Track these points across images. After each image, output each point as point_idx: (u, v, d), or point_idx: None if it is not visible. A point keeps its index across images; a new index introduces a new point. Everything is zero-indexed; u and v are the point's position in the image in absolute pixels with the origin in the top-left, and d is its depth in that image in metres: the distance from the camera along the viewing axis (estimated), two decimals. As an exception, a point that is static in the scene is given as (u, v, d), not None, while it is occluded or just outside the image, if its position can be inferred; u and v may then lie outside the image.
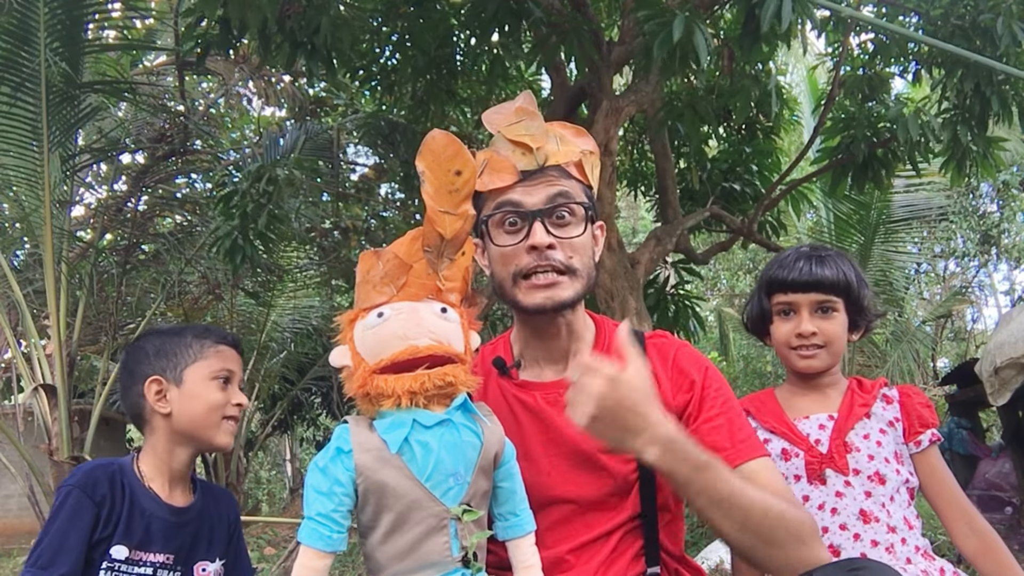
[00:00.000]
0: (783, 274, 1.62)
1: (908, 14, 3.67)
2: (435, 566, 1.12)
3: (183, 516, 1.49)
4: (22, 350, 4.98)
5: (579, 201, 1.32)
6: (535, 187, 1.31)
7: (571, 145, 1.36)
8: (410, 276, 1.18)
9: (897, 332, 8.11)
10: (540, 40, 3.59)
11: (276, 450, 13.98)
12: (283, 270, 6.76)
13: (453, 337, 1.17)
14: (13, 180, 4.69)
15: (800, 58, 7.85)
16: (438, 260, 1.19)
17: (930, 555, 1.53)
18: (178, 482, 1.53)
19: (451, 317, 1.18)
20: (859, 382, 1.66)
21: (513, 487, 1.23)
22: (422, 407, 1.13)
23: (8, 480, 4.97)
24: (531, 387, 1.39)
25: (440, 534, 1.12)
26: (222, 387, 1.52)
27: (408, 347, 1.12)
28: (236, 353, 1.59)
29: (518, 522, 1.23)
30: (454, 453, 1.13)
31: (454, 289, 1.21)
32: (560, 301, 1.30)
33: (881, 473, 1.53)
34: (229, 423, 1.54)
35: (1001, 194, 8.73)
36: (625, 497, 1.33)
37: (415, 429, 1.12)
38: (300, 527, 1.13)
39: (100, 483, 1.42)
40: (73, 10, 3.99)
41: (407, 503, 1.12)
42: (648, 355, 1.39)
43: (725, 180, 4.82)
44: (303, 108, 6.07)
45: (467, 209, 1.18)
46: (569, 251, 1.31)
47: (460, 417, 1.16)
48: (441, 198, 1.16)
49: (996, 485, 6.38)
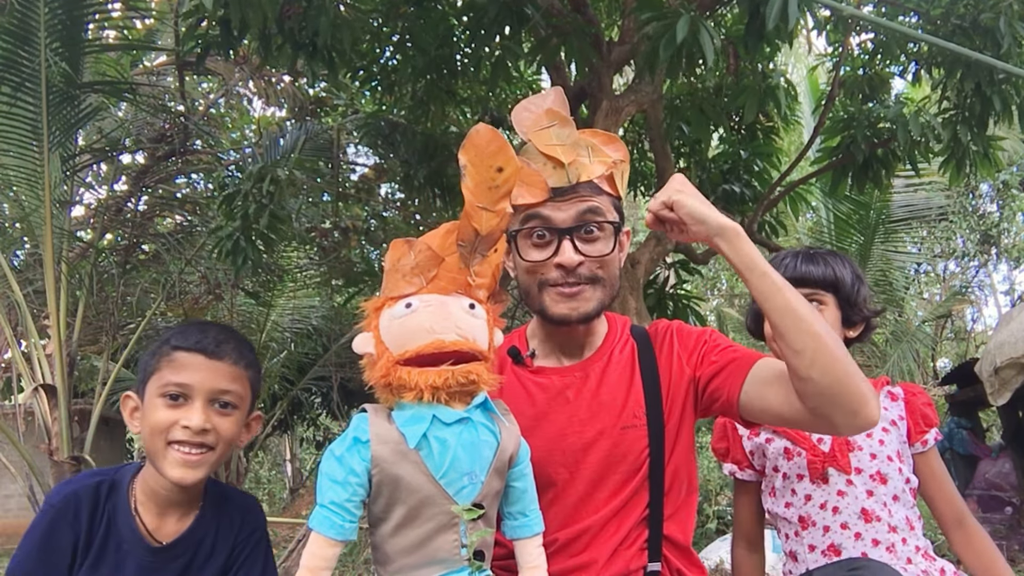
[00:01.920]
0: None
1: (908, 14, 3.67)
2: (443, 563, 1.12)
3: (169, 552, 1.31)
4: (22, 350, 4.98)
5: (609, 220, 1.34)
6: (565, 202, 1.33)
7: (602, 156, 1.36)
8: (441, 269, 1.17)
9: (897, 332, 8.11)
10: (540, 41, 3.59)
11: (276, 450, 13.97)
12: (283, 270, 6.75)
13: (479, 334, 1.16)
14: (13, 180, 4.69)
15: (800, 58, 7.85)
16: (471, 256, 1.18)
17: (930, 555, 1.53)
18: (173, 509, 1.33)
19: (479, 314, 1.17)
20: None
21: (525, 487, 1.24)
22: (443, 403, 1.12)
23: (8, 480, 4.97)
24: (547, 372, 1.45)
25: (450, 532, 1.12)
26: (169, 405, 1.27)
27: (435, 340, 1.11)
28: (204, 359, 1.29)
29: (527, 522, 1.24)
30: (471, 452, 1.13)
31: (483, 286, 1.21)
32: (584, 313, 1.36)
33: (883, 472, 1.54)
34: (176, 450, 1.26)
35: (1001, 194, 8.72)
36: (635, 474, 1.36)
37: (434, 425, 1.11)
38: (311, 514, 1.12)
39: (80, 510, 1.28)
40: (73, 10, 3.99)
41: (420, 498, 1.11)
42: (652, 340, 1.46)
43: (725, 180, 4.82)
44: (303, 108, 6.07)
45: (505, 207, 1.17)
46: (596, 265, 1.35)
47: (479, 416, 1.15)
48: (481, 194, 1.15)
49: (996, 485, 6.37)
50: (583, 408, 1.40)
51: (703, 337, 1.43)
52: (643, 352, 1.44)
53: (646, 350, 1.44)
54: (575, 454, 1.38)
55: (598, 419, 1.38)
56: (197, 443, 1.28)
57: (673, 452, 1.39)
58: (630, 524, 1.35)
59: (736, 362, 1.34)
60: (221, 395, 1.30)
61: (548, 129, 1.32)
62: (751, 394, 1.30)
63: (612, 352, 1.45)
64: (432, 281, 1.17)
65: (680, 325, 1.48)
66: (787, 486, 1.60)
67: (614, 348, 1.45)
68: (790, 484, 1.59)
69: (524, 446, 1.24)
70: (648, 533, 1.36)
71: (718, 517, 5.86)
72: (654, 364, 1.42)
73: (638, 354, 1.44)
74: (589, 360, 1.44)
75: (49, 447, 4.31)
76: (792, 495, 1.59)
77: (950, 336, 11.49)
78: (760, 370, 1.31)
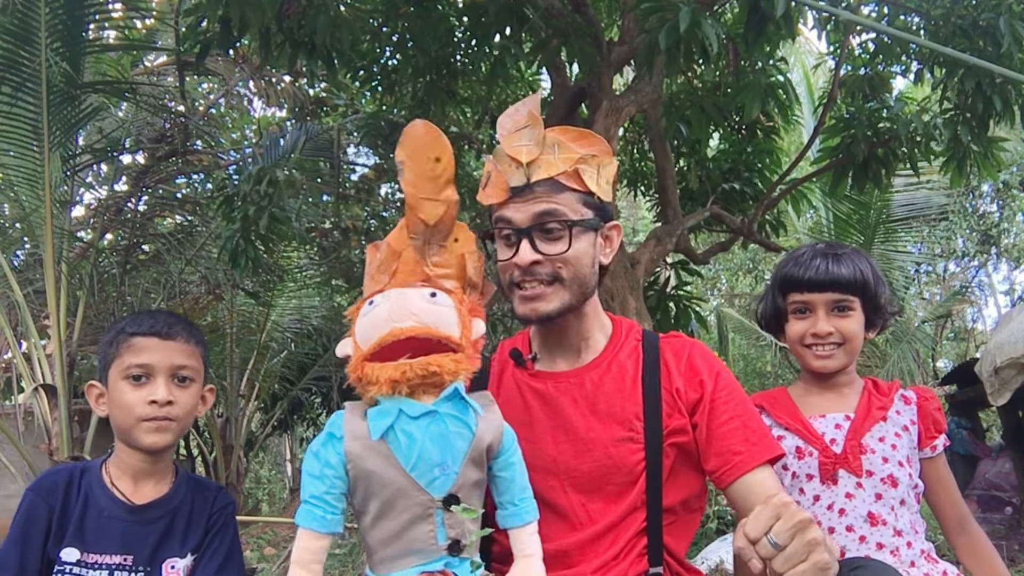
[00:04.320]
0: (799, 272, 1.59)
1: (909, 14, 3.66)
2: (420, 553, 1.14)
3: (148, 513, 1.42)
4: (22, 350, 4.98)
5: (564, 219, 1.32)
6: (525, 204, 1.33)
7: (568, 152, 1.34)
8: (400, 263, 1.21)
9: (897, 332, 8.10)
10: (540, 41, 3.59)
11: (276, 450, 13.96)
12: (283, 270, 6.76)
13: (442, 321, 1.16)
14: (14, 180, 4.69)
15: (800, 58, 7.85)
16: (425, 247, 1.22)
17: (933, 558, 1.53)
18: (147, 478, 1.45)
19: (442, 302, 1.18)
20: (875, 383, 1.65)
21: (512, 476, 1.24)
22: (407, 396, 1.13)
23: (8, 480, 4.96)
24: (544, 376, 1.43)
25: (425, 522, 1.14)
26: (134, 385, 1.40)
27: (391, 329, 1.13)
28: (159, 340, 1.42)
29: (517, 511, 1.24)
30: (440, 444, 1.14)
31: (447, 276, 1.23)
32: (544, 313, 1.34)
33: (895, 476, 1.53)
34: (149, 423, 1.40)
35: (1001, 194, 8.72)
36: (631, 487, 1.34)
37: (400, 419, 1.13)
38: (296, 511, 1.16)
39: (56, 486, 1.39)
40: (74, 10, 3.99)
41: (392, 491, 1.14)
42: (662, 353, 1.42)
43: (725, 180, 4.82)
44: (303, 108, 6.08)
45: (449, 195, 1.20)
46: (558, 263, 1.33)
47: (448, 408, 1.15)
48: (422, 185, 1.19)
49: (996, 485, 6.37)
50: (576, 417, 1.37)
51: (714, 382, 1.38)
52: (649, 364, 1.40)
53: (652, 362, 1.40)
54: (565, 463, 1.36)
55: (592, 429, 1.36)
56: (163, 416, 1.41)
57: (673, 468, 1.36)
58: (627, 537, 1.33)
59: (739, 456, 1.32)
60: (179, 370, 1.44)
61: (520, 131, 1.34)
62: (737, 494, 1.32)
63: (614, 359, 1.42)
64: (394, 276, 1.21)
65: (693, 349, 1.43)
66: (795, 485, 1.59)
67: (616, 355, 1.42)
68: (799, 484, 1.58)
69: (508, 436, 1.23)
70: (647, 540, 1.34)
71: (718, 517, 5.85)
72: (657, 378, 1.38)
73: (643, 365, 1.40)
74: (587, 366, 1.42)
75: (49, 447, 4.31)
76: (800, 495, 1.58)
77: (950, 336, 11.48)
78: (754, 483, 1.30)
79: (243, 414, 7.49)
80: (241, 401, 7.46)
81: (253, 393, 7.45)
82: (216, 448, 7.32)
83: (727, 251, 6.02)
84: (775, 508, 1.04)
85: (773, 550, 1.01)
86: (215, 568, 1.46)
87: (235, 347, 7.01)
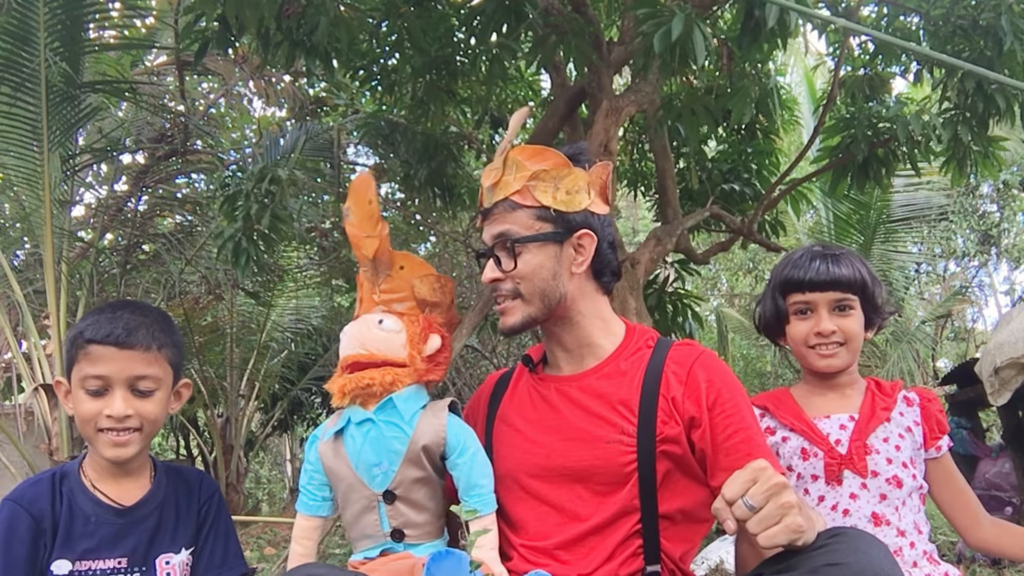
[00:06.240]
0: (799, 274, 1.60)
1: (909, 14, 3.66)
2: (371, 538, 1.38)
3: (136, 513, 1.40)
4: (22, 350, 4.98)
5: (512, 239, 1.40)
6: (489, 225, 1.45)
7: (522, 171, 1.41)
8: (362, 292, 1.46)
9: (897, 332, 8.10)
10: (538, 40, 3.58)
11: (276, 450, 13.96)
12: (283, 270, 6.76)
13: (386, 345, 1.37)
14: (13, 180, 4.69)
15: (800, 58, 7.85)
16: (375, 277, 1.43)
17: (935, 560, 1.53)
18: (126, 477, 1.42)
19: (388, 327, 1.38)
20: (877, 384, 1.65)
21: (461, 475, 1.37)
22: (359, 405, 1.35)
23: (8, 480, 4.96)
24: (548, 380, 1.50)
25: (371, 513, 1.36)
26: (91, 396, 1.33)
27: (345, 356, 1.38)
28: (116, 350, 1.33)
29: (467, 504, 1.34)
30: (376, 447, 1.33)
31: (400, 299, 1.44)
32: (508, 326, 1.45)
33: (899, 477, 1.53)
34: (106, 435, 1.34)
35: (1001, 194, 8.72)
36: (619, 487, 1.35)
37: (349, 424, 1.36)
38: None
39: (39, 496, 1.35)
40: (73, 10, 3.99)
41: (346, 485, 1.37)
42: (667, 361, 1.42)
43: (725, 180, 4.81)
44: (303, 108, 6.07)
45: (381, 229, 1.41)
46: (517, 280, 1.41)
47: (383, 415, 1.34)
48: (364, 224, 1.40)
49: (996, 485, 6.36)
50: (572, 418, 1.41)
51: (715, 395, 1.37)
52: (652, 370, 1.40)
53: (656, 369, 1.40)
54: (557, 459, 1.39)
55: (585, 430, 1.38)
56: (122, 428, 1.35)
57: (668, 474, 1.36)
58: (619, 537, 1.33)
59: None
60: (138, 381, 1.36)
61: (500, 153, 1.44)
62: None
63: (617, 364, 1.43)
64: (361, 304, 1.46)
65: (698, 359, 1.42)
66: (800, 486, 1.59)
67: (620, 361, 1.44)
68: (804, 484, 1.58)
69: (455, 438, 1.36)
70: (643, 542, 1.34)
71: (718, 517, 5.86)
72: (657, 385, 1.38)
73: (646, 371, 1.40)
74: (589, 371, 1.45)
75: (49, 447, 4.31)
76: (805, 495, 1.58)
77: (950, 336, 11.48)
78: None
79: (243, 414, 7.48)
80: (241, 401, 7.46)
81: (253, 393, 7.45)
82: (216, 448, 7.31)
83: (727, 251, 6.02)
84: (753, 472, 1.06)
85: (748, 512, 1.04)
86: (216, 567, 1.47)
87: (235, 347, 7.00)
